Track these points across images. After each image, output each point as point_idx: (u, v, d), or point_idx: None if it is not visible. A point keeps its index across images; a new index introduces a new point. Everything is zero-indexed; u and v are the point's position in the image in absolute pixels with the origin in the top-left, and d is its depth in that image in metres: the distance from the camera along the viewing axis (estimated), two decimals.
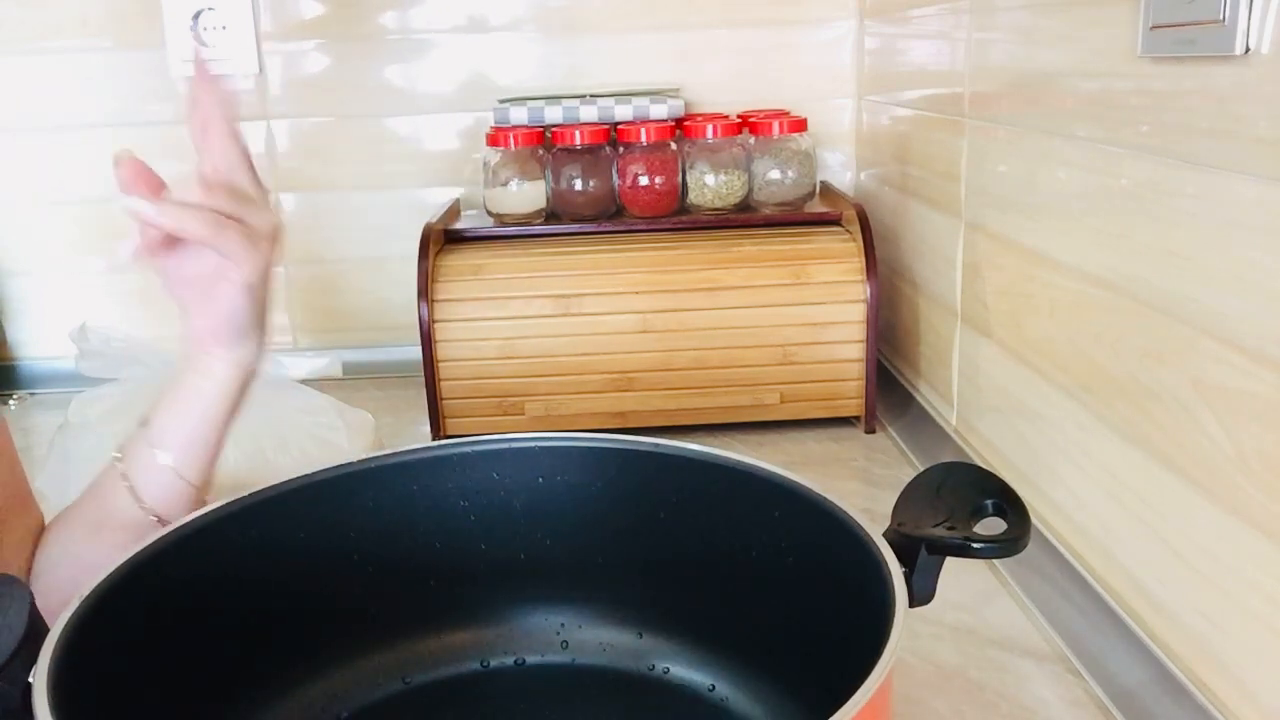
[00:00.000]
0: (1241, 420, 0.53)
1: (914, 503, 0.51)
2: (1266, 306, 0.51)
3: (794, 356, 1.10)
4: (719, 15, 1.34)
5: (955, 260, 0.97)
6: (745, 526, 0.57)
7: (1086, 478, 0.72)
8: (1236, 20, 0.51)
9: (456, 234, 1.18)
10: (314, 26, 1.34)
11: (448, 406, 1.11)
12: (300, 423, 0.94)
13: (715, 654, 0.59)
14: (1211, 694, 0.57)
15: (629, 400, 1.11)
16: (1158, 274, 0.61)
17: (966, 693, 0.68)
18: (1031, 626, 0.76)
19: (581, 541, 0.62)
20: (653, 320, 1.09)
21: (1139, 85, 0.62)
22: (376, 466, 0.60)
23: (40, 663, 0.40)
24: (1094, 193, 0.69)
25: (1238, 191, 0.53)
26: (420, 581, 0.61)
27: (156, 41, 1.31)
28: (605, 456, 0.61)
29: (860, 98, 1.36)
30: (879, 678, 0.39)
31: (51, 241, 1.39)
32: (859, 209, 1.11)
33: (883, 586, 0.45)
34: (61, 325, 1.12)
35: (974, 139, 0.91)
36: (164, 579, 0.50)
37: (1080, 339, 0.72)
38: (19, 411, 1.35)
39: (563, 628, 0.63)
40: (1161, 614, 0.63)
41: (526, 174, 1.19)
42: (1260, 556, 0.52)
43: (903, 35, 1.16)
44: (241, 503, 0.55)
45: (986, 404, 0.91)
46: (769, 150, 1.18)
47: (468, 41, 1.35)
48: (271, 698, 0.56)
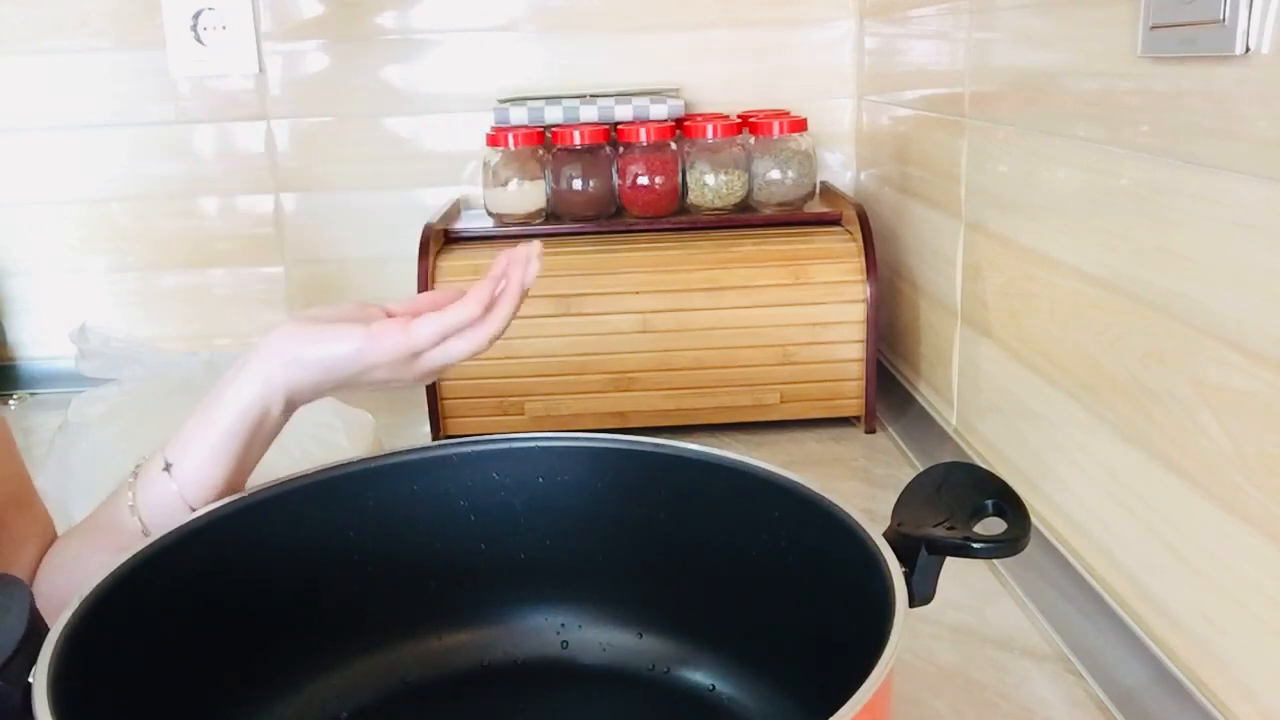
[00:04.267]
0: (1241, 420, 0.53)
1: (914, 503, 0.51)
2: (1266, 306, 0.51)
3: (794, 356, 1.10)
4: (719, 15, 1.34)
5: (955, 260, 0.97)
6: (745, 526, 0.57)
7: (1086, 478, 0.72)
8: (1236, 20, 0.51)
9: (457, 234, 1.18)
10: (314, 26, 1.34)
11: (448, 406, 1.11)
12: (300, 423, 0.93)
13: (715, 654, 0.59)
14: (1211, 694, 0.57)
15: (629, 400, 1.11)
16: (1158, 274, 0.61)
17: (966, 693, 0.68)
18: (1031, 626, 0.76)
19: (581, 541, 0.62)
20: (653, 320, 1.09)
21: (1139, 85, 0.62)
22: (376, 466, 0.60)
23: (40, 663, 0.40)
24: (1094, 193, 0.69)
25: (1238, 191, 0.53)
26: (420, 581, 0.61)
27: (156, 41, 1.31)
28: (605, 456, 0.61)
29: (860, 98, 1.36)
30: (879, 678, 0.39)
31: (51, 241, 1.39)
32: (859, 209, 1.11)
33: (883, 586, 0.45)
34: (61, 325, 1.12)
35: (974, 139, 0.91)
36: (164, 579, 0.50)
37: (1080, 339, 0.72)
38: (19, 411, 1.35)
39: (563, 628, 0.63)
40: (1161, 614, 0.63)
41: (526, 174, 1.19)
42: (1260, 556, 0.52)
43: (903, 35, 1.16)
44: (241, 503, 0.55)
45: (986, 404, 0.91)
46: (769, 150, 1.18)
47: (467, 41, 1.35)
48: (271, 698, 0.56)
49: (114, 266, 1.40)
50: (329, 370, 0.57)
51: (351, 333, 0.56)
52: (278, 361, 0.56)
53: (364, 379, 0.57)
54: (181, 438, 0.57)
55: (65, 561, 0.60)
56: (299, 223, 1.39)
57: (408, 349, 0.56)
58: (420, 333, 0.56)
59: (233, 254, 1.40)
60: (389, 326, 0.56)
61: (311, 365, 0.56)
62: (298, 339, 0.56)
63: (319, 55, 1.35)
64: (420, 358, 0.57)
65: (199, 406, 0.58)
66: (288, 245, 1.39)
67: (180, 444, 0.57)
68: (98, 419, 0.92)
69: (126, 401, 0.94)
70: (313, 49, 1.34)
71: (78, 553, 0.60)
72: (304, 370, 0.56)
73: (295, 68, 1.35)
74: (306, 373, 0.56)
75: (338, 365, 0.56)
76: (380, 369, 0.57)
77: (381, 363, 0.56)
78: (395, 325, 0.56)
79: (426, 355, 0.57)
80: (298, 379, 0.57)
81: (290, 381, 0.57)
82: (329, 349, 0.56)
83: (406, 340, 0.56)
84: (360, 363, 0.56)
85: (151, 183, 1.36)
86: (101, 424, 0.92)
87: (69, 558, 0.60)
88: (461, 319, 0.56)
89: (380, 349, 0.56)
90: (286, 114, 1.36)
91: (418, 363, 0.57)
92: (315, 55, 1.35)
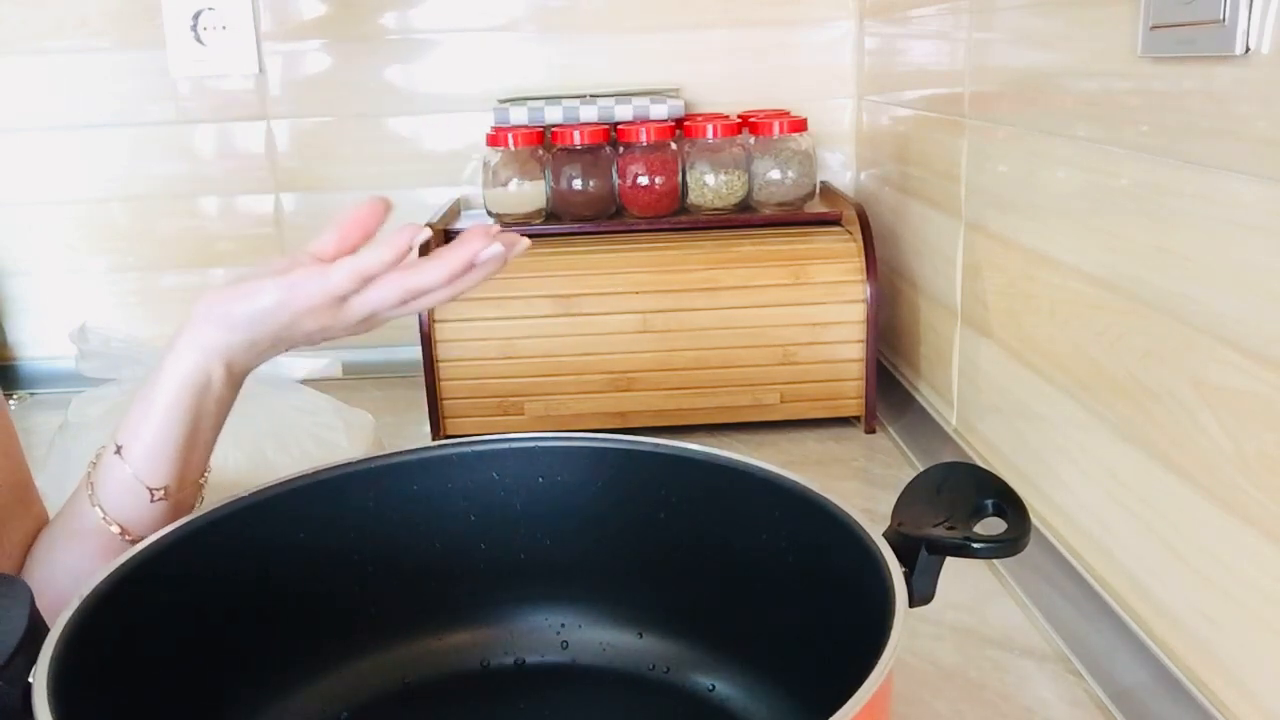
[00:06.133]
0: (1241, 420, 0.53)
1: (914, 503, 0.51)
2: (1266, 306, 0.51)
3: (794, 356, 1.10)
4: (719, 15, 1.34)
5: (955, 260, 0.97)
6: (745, 526, 0.57)
7: (1086, 478, 0.72)
8: (1236, 20, 0.51)
9: (457, 234, 1.18)
10: (314, 26, 1.34)
11: (448, 406, 1.11)
12: (300, 423, 0.94)
13: (715, 654, 0.59)
14: (1211, 694, 0.57)
15: (629, 400, 1.11)
16: (1158, 274, 0.61)
17: (966, 693, 0.68)
18: (1031, 626, 0.76)
19: (581, 541, 0.62)
20: (653, 320, 1.09)
21: (1139, 85, 0.62)
22: (376, 466, 0.60)
23: (40, 663, 0.40)
24: (1094, 193, 0.69)
25: (1238, 191, 0.53)
26: (420, 581, 0.61)
27: (156, 41, 1.31)
28: (605, 456, 0.61)
29: (860, 98, 1.36)
30: (879, 678, 0.39)
31: (51, 241, 1.39)
32: (859, 209, 1.11)
33: (883, 586, 0.45)
34: (61, 325, 1.12)
35: (974, 139, 0.91)
36: (164, 579, 0.50)
37: (1080, 339, 0.72)
38: (19, 411, 1.35)
39: (563, 628, 0.63)
40: (1161, 614, 0.63)
41: (526, 174, 1.19)
42: (1260, 556, 0.52)
43: (903, 35, 1.16)
44: (241, 503, 0.55)
45: (986, 404, 0.91)
46: (769, 150, 1.18)
47: (468, 41, 1.35)
48: (271, 698, 0.56)
49: (114, 266, 1.40)
50: (257, 325, 0.55)
51: (272, 284, 0.54)
52: (208, 325, 0.56)
53: (297, 331, 0.56)
54: (129, 420, 0.57)
55: (43, 562, 0.60)
56: (299, 223, 1.39)
57: (328, 294, 0.54)
58: (336, 276, 0.54)
59: (233, 254, 1.40)
60: (307, 273, 0.54)
61: (240, 323, 0.55)
62: (222, 299, 0.56)
63: (319, 55, 1.35)
64: (348, 304, 0.55)
65: (141, 387, 0.57)
66: (288, 245, 1.39)
67: (128, 426, 0.57)
68: (98, 419, 0.92)
69: (126, 401, 0.93)
70: (313, 49, 1.35)
71: (53, 554, 0.60)
72: (234, 330, 0.56)
73: (295, 68, 1.35)
74: (236, 333, 0.56)
75: (264, 318, 0.55)
76: (307, 317, 0.55)
77: (305, 309, 0.54)
78: (313, 271, 0.54)
79: (354, 301, 0.55)
80: (229, 341, 0.56)
81: (223, 344, 0.56)
82: (253, 303, 0.55)
83: (327, 285, 0.54)
84: (286, 312, 0.55)
85: (151, 183, 1.36)
86: (101, 424, 0.91)
87: (46, 559, 0.60)
88: (375, 262, 0.54)
89: (301, 296, 0.54)
90: (286, 114, 1.36)
91: (346, 309, 0.55)
92: (315, 55, 1.35)
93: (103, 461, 0.58)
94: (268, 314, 0.55)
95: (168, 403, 0.56)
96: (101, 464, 0.58)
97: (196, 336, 0.56)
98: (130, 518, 0.57)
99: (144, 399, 0.57)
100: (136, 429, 0.57)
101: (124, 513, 0.57)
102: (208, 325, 0.56)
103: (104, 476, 0.57)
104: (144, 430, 0.56)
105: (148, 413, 0.56)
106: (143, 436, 0.56)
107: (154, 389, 0.57)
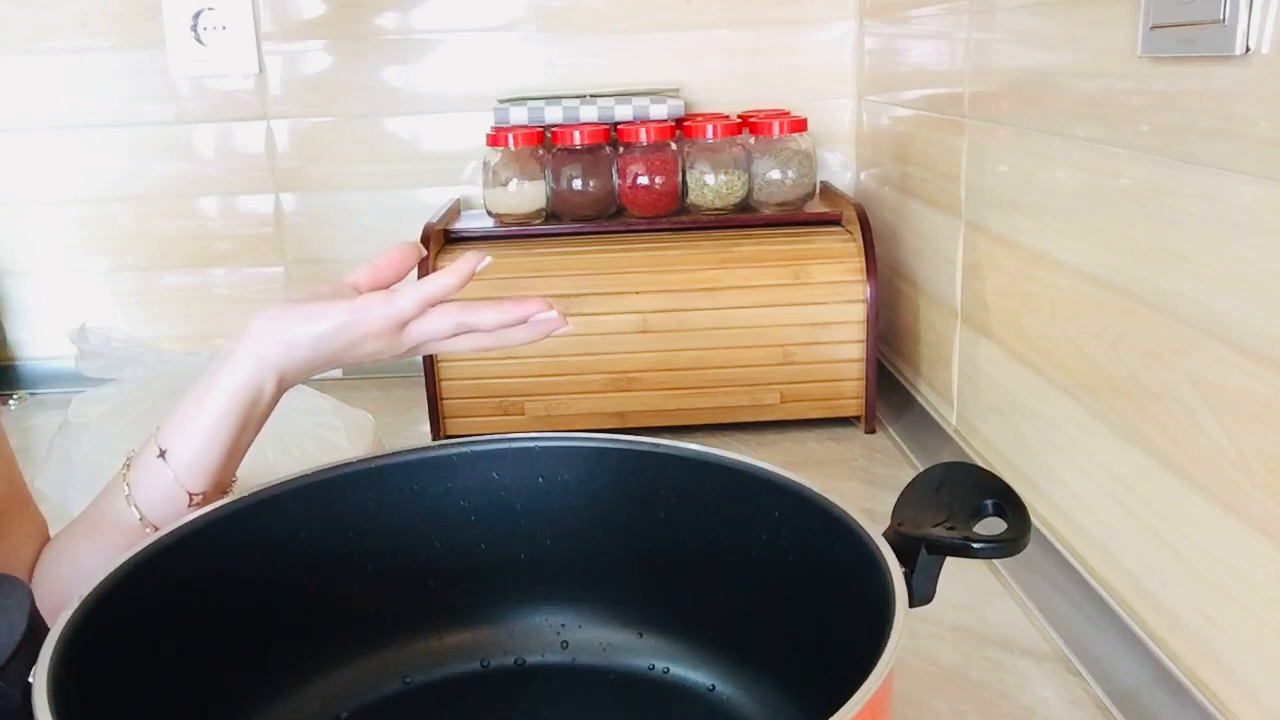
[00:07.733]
0: (1241, 420, 0.53)
1: (914, 503, 0.51)
2: (1266, 306, 0.51)
3: (794, 356, 1.10)
4: (719, 15, 1.34)
5: (955, 260, 0.97)
6: (745, 526, 0.57)
7: (1086, 478, 0.72)
8: (1236, 20, 0.51)
9: (456, 234, 1.18)
10: (314, 26, 1.34)
11: (448, 406, 1.11)
12: (300, 423, 0.94)
13: (715, 654, 0.59)
14: (1211, 694, 0.57)
15: (629, 400, 1.11)
16: (1158, 274, 0.61)
17: (966, 693, 0.68)
18: (1031, 626, 0.76)
19: (581, 541, 0.62)
20: (653, 320, 1.09)
21: (1139, 85, 0.62)
22: (376, 466, 0.60)
23: (40, 663, 0.40)
24: (1094, 193, 0.69)
25: (1238, 191, 0.53)
26: (420, 581, 0.61)
27: (156, 41, 1.31)
28: (605, 456, 0.61)
29: (860, 98, 1.36)
30: (879, 678, 0.39)
31: (51, 241, 1.39)
32: (859, 209, 1.11)
33: (883, 586, 0.45)
34: (61, 325, 1.12)
35: (974, 139, 0.91)
36: (164, 579, 0.50)
37: (1080, 339, 0.72)
38: (19, 411, 1.35)
39: (563, 628, 0.63)
40: (1161, 614, 0.63)
41: (526, 174, 1.19)
42: (1260, 556, 0.52)
43: (903, 35, 1.16)
44: (241, 503, 0.55)
45: (986, 404, 0.91)
46: (769, 150, 1.18)
47: (467, 41, 1.35)
48: (271, 698, 0.56)
49: (114, 266, 1.40)
50: (320, 345, 0.58)
51: (339, 307, 0.57)
52: (269, 340, 0.57)
53: (353, 352, 0.59)
54: (174, 424, 0.58)
55: (63, 560, 0.60)
56: (299, 223, 1.39)
57: (392, 318, 0.57)
58: (402, 301, 0.57)
59: (233, 254, 1.40)
60: (374, 299, 0.58)
61: (303, 342, 0.57)
62: (287, 318, 0.58)
63: (319, 55, 1.35)
64: (406, 329, 0.58)
65: (189, 392, 0.58)
66: (288, 245, 1.39)
67: (173, 430, 0.58)
68: (98, 419, 0.92)
69: (126, 402, 0.93)
70: (313, 49, 1.35)
71: (76, 551, 0.60)
72: (296, 348, 0.58)
73: (295, 68, 1.35)
74: (298, 350, 0.58)
75: (328, 340, 0.58)
76: (369, 341, 0.58)
77: (370, 333, 0.57)
78: (380, 297, 0.58)
79: (413, 326, 0.58)
80: (290, 357, 0.58)
81: (282, 360, 0.58)
82: (319, 325, 0.57)
83: (392, 310, 0.57)
84: (349, 335, 0.57)
85: (151, 183, 1.36)
86: (102, 424, 0.92)
87: (67, 556, 0.60)
88: (438, 288, 0.58)
89: (368, 320, 0.57)
90: (286, 114, 1.36)
91: (404, 334, 0.58)
92: (315, 55, 1.35)
93: (141, 463, 0.58)
94: (332, 335, 0.57)
95: (220, 412, 0.57)
96: (140, 465, 0.58)
97: (256, 349, 0.57)
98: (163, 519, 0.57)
99: (193, 405, 0.58)
100: (184, 435, 0.57)
101: (159, 514, 0.57)
102: (268, 340, 0.57)
103: (143, 479, 0.57)
104: (192, 437, 0.57)
105: (198, 419, 0.57)
106: (189, 443, 0.57)
107: (206, 397, 0.57)
